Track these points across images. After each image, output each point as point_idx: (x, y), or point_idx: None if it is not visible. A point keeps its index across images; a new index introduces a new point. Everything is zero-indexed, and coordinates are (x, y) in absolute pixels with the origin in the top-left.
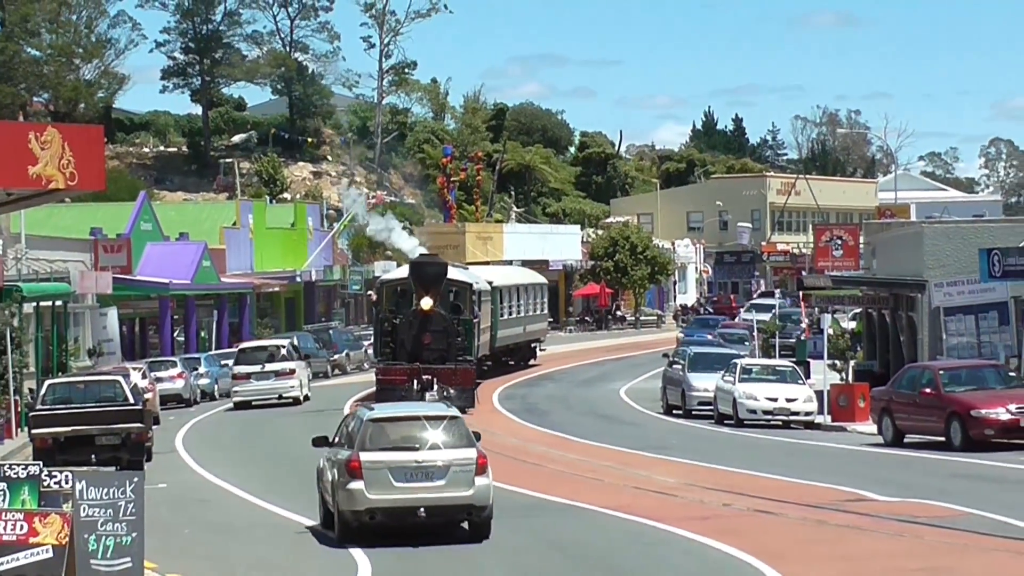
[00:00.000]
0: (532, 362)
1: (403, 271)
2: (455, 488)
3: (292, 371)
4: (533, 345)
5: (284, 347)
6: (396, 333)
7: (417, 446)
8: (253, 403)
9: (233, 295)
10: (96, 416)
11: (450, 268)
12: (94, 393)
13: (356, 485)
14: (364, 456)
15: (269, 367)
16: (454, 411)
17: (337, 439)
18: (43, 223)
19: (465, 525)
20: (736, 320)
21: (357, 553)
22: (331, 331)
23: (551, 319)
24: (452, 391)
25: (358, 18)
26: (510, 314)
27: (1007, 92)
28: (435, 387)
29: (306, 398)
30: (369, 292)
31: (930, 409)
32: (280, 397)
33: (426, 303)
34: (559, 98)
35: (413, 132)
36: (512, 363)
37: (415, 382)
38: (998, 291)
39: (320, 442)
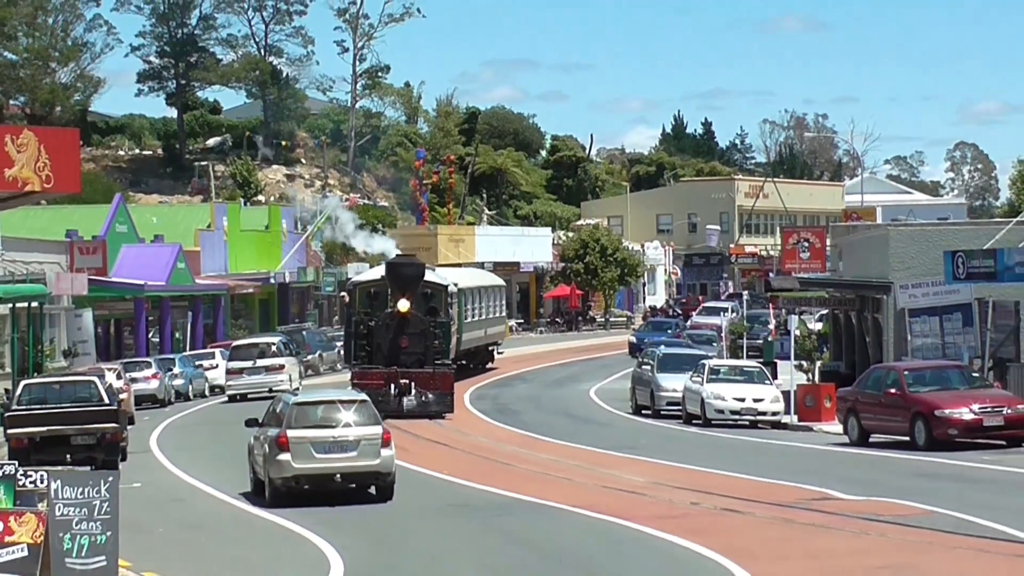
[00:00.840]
0: (490, 365)
1: (375, 272)
2: (365, 458)
3: (282, 366)
4: (491, 348)
5: (275, 344)
6: (372, 336)
7: (333, 424)
8: (248, 396)
9: (208, 296)
10: (71, 416)
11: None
12: (69, 394)
13: (284, 457)
14: (291, 433)
15: (260, 363)
16: (363, 396)
17: (265, 420)
18: (19, 225)
19: (372, 490)
20: (689, 323)
21: (329, 550)
22: (304, 332)
23: (522, 320)
24: (431, 396)
25: (332, 22)
26: (472, 317)
27: (972, 96)
28: (412, 392)
29: (296, 391)
30: (342, 294)
31: (895, 409)
32: (271, 391)
33: (403, 305)
34: (531, 102)
35: (386, 136)
36: (471, 366)
37: (392, 386)
38: (962, 293)
39: (251, 423)
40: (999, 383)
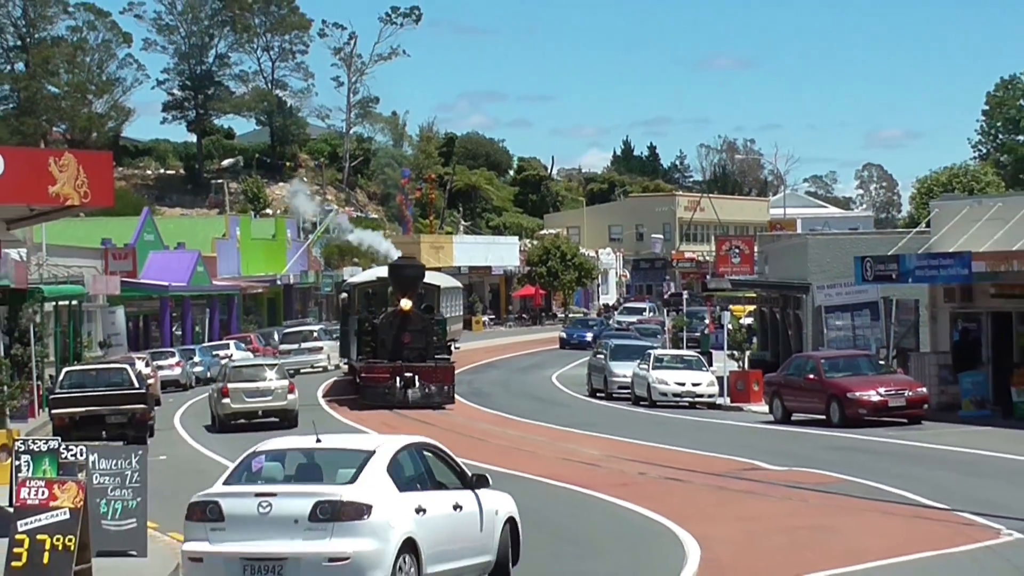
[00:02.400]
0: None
1: (371, 274)
2: (277, 401)
3: (321, 348)
4: (449, 343)
5: (316, 331)
6: (376, 332)
7: (256, 379)
8: (301, 371)
9: (223, 296)
10: (106, 399)
11: None
12: (104, 379)
13: (226, 400)
14: (230, 385)
15: (304, 345)
16: (278, 361)
17: (217, 378)
18: (61, 234)
19: (281, 420)
20: (611, 322)
21: None
22: (285, 328)
23: (493, 316)
24: (433, 388)
25: (329, 60)
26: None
27: (878, 124)
28: (417, 384)
29: (336, 367)
30: (341, 294)
31: (813, 392)
32: (312, 367)
33: (406, 303)
34: (501, 128)
35: (376, 157)
36: None
37: (398, 380)
38: (870, 292)
39: (209, 382)
40: (901, 369)
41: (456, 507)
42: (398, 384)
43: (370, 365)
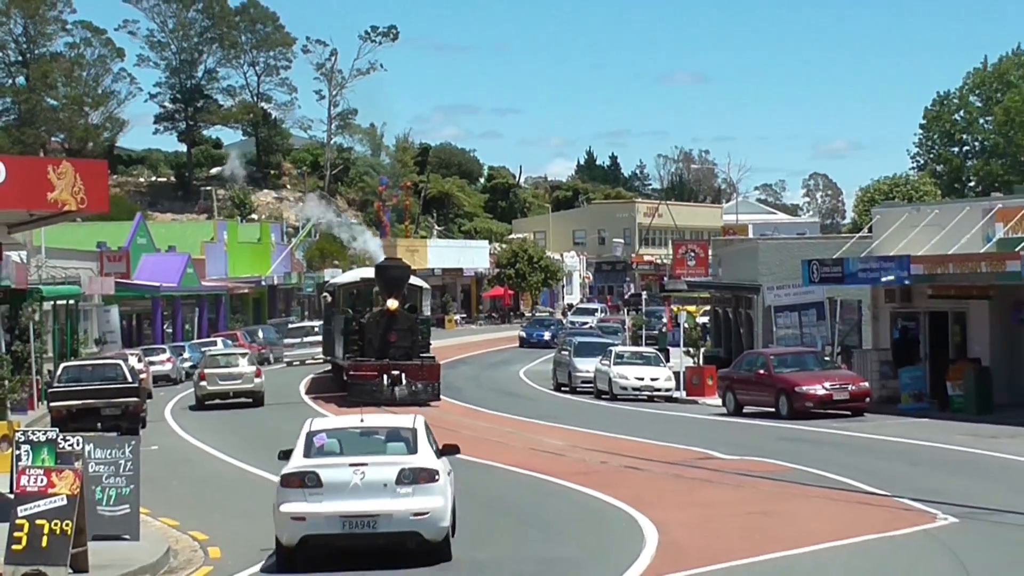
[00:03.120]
0: None
1: (355, 274)
2: (247, 384)
3: (320, 342)
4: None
5: (316, 327)
6: (363, 331)
7: (229, 365)
8: (305, 362)
9: (211, 296)
10: (101, 392)
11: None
12: (99, 374)
13: (203, 383)
14: (206, 370)
15: (306, 339)
16: (247, 351)
17: (198, 366)
18: (59, 238)
19: (251, 401)
20: (565, 322)
21: None
22: (289, 324)
23: (465, 315)
24: (419, 385)
25: (311, 75)
26: None
27: (824, 136)
28: (404, 381)
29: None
30: (324, 294)
31: (763, 386)
32: (312, 358)
33: (392, 303)
34: (472, 139)
35: (355, 166)
36: None
37: (385, 377)
38: (816, 293)
39: (192, 370)
40: (845, 365)
41: (450, 470)
42: (385, 382)
43: (358, 363)
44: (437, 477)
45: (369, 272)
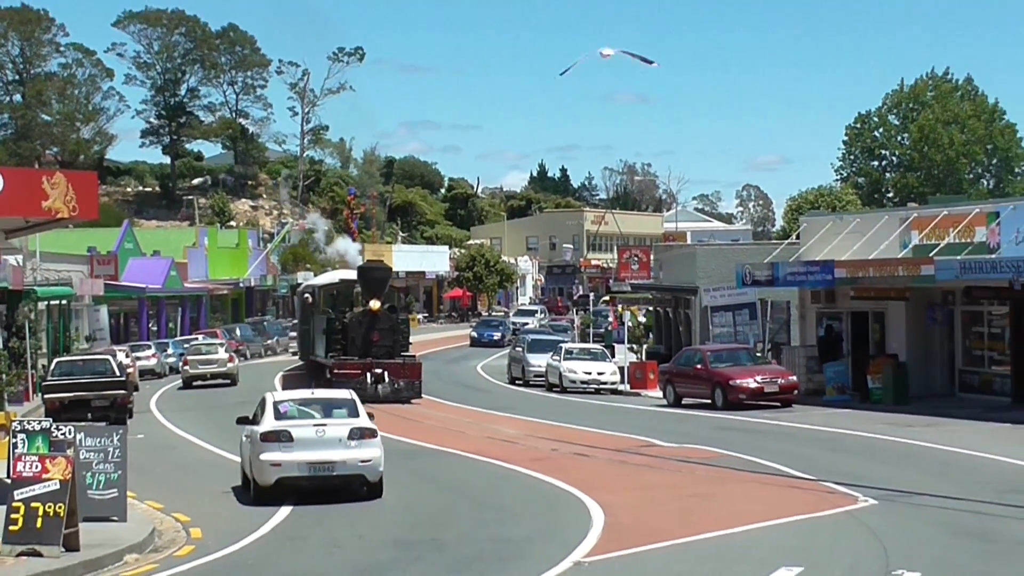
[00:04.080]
0: None
1: (334, 276)
2: (222, 367)
3: None
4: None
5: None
6: (346, 331)
7: (208, 352)
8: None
9: (193, 296)
10: (91, 385)
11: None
12: (90, 368)
13: (186, 367)
14: (189, 357)
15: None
16: (223, 340)
17: (184, 356)
18: (52, 243)
19: (228, 382)
20: (507, 322)
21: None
22: (265, 323)
23: (427, 314)
24: (401, 383)
25: (286, 93)
26: None
27: (756, 151)
28: (386, 379)
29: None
30: (305, 295)
31: (700, 380)
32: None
33: (375, 304)
34: (434, 153)
35: (326, 177)
36: None
37: (369, 375)
38: (749, 295)
39: (176, 365)
40: (775, 361)
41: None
42: (369, 380)
43: (342, 362)
44: (376, 435)
45: (348, 274)
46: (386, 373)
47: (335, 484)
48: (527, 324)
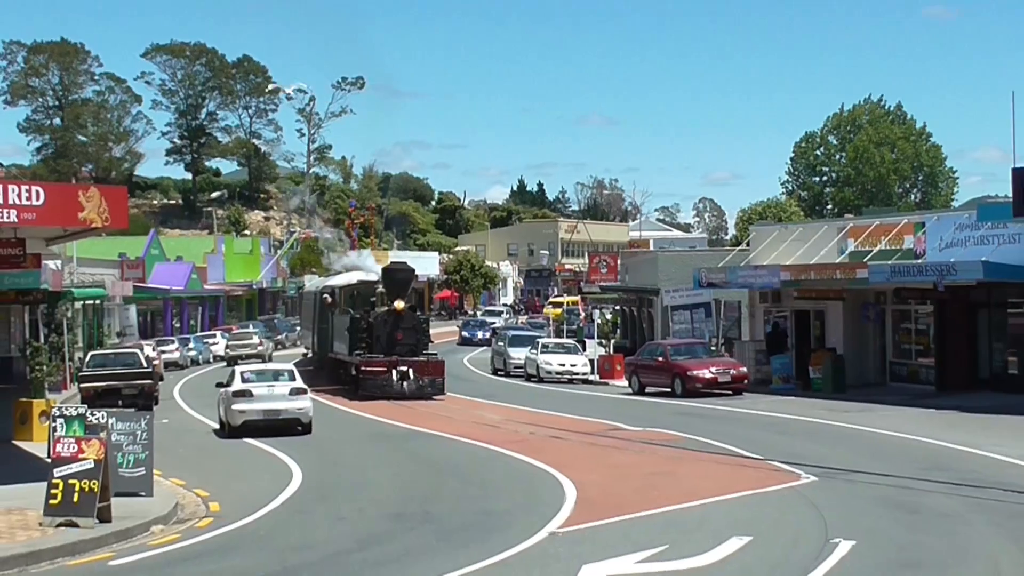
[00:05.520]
0: None
1: (352, 276)
2: (254, 349)
3: None
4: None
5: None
6: (372, 330)
7: (244, 339)
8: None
9: (212, 297)
10: (122, 376)
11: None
12: (120, 361)
13: (228, 350)
14: (231, 343)
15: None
16: (256, 329)
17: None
18: (87, 250)
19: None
20: (475, 320)
21: (290, 462)
22: (275, 321)
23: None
24: (426, 380)
25: (294, 116)
26: None
27: (711, 168)
28: (411, 376)
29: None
30: (324, 295)
31: (662, 371)
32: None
33: (399, 304)
34: (425, 169)
35: (330, 191)
36: None
37: (394, 372)
38: (704, 295)
39: (197, 357)
40: (728, 354)
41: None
42: (394, 377)
43: (368, 360)
44: (307, 392)
45: (365, 275)
46: (411, 370)
47: (280, 424)
48: (494, 323)
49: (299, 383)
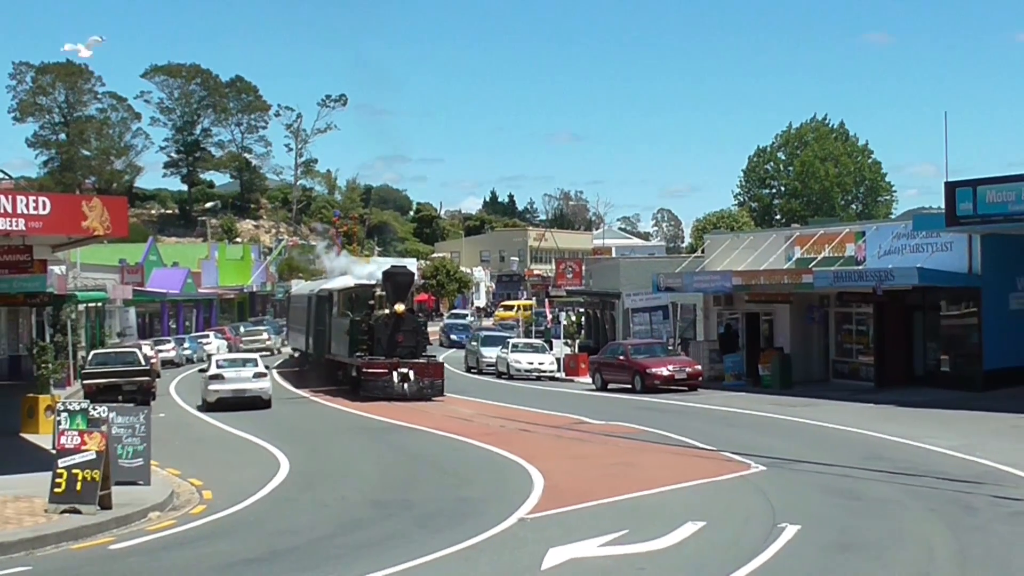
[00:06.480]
0: None
1: (347, 280)
2: (263, 344)
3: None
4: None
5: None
6: (373, 332)
7: (254, 335)
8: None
9: (206, 300)
10: (122, 373)
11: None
12: (120, 359)
13: (240, 344)
14: (243, 338)
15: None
16: (210, 333)
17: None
18: (90, 256)
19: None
20: (444, 321)
21: (278, 453)
22: (264, 322)
23: None
24: (426, 381)
25: (282, 132)
26: None
27: (669, 181)
28: (412, 378)
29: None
30: (322, 298)
31: (623, 368)
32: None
33: (400, 307)
34: (405, 181)
35: (315, 202)
36: None
37: (395, 374)
38: (662, 299)
39: (193, 356)
40: (684, 353)
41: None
42: (396, 378)
43: (371, 362)
44: (267, 375)
45: (361, 280)
46: (412, 372)
47: (246, 401)
48: (459, 324)
49: (261, 368)
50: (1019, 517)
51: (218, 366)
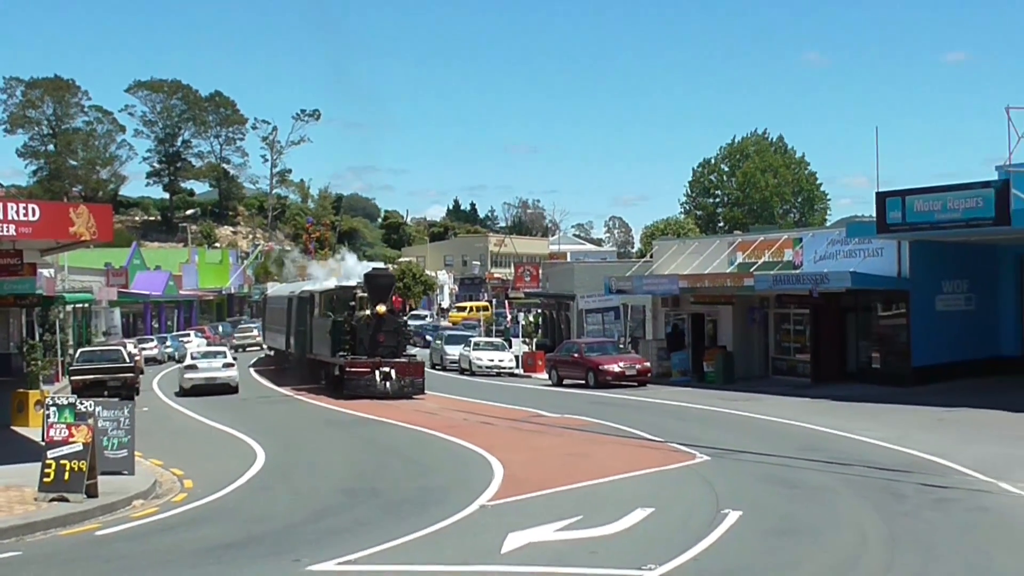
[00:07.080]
0: None
1: (330, 283)
2: (253, 340)
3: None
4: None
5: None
6: (355, 333)
7: (245, 332)
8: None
9: (186, 301)
10: (107, 369)
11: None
12: (106, 356)
13: (233, 340)
14: (236, 334)
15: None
16: (256, 324)
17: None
18: (77, 259)
19: (258, 347)
20: (436, 326)
21: (255, 445)
22: (241, 322)
23: None
24: (407, 380)
25: (259, 144)
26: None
27: (620, 190)
28: (393, 377)
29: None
30: (304, 299)
31: (577, 365)
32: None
33: (381, 308)
34: (373, 190)
35: (290, 209)
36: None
37: (377, 373)
38: (614, 300)
39: (175, 354)
40: (634, 351)
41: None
42: (378, 377)
43: (353, 361)
44: (235, 364)
45: (343, 281)
46: (393, 371)
47: (218, 387)
48: (420, 324)
49: (229, 359)
50: (944, 503)
51: (192, 358)
